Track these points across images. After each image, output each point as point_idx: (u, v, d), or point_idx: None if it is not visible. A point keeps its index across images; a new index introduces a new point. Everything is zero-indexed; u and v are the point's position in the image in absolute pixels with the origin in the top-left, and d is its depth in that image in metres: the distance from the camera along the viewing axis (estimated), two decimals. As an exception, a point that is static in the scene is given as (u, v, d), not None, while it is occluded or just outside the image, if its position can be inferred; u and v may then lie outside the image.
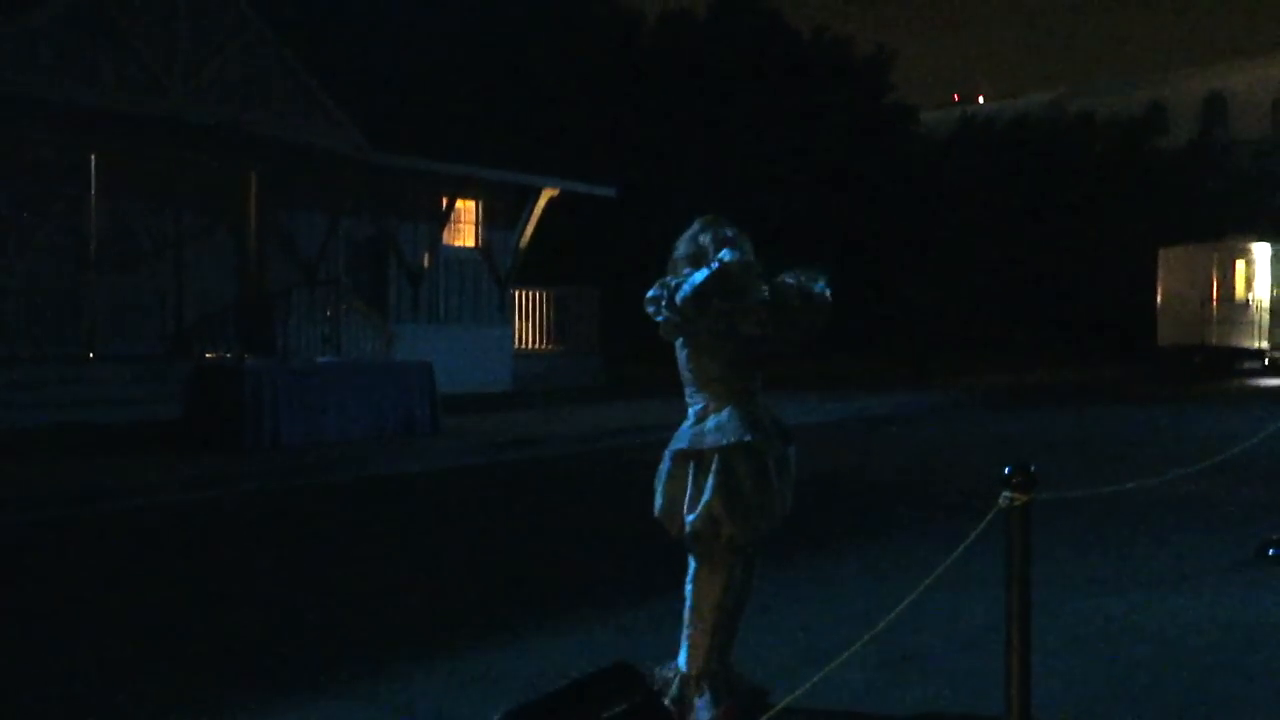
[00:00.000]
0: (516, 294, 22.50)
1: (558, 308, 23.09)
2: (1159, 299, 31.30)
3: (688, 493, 3.94)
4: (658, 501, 4.04)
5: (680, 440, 3.99)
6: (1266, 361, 30.32)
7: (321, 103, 18.88)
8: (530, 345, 22.86)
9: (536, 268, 23.74)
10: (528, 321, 22.87)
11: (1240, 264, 30.42)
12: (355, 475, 11.39)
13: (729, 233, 3.94)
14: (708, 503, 3.87)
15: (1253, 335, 30.22)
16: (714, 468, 3.88)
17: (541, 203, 21.63)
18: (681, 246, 4.01)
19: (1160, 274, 31.34)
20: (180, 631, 5.56)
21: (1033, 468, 3.58)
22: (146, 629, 5.62)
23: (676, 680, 4.03)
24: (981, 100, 67.80)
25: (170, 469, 10.78)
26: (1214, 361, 29.84)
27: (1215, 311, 30.00)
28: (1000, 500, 3.55)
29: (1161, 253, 31.52)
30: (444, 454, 12.63)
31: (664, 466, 4.03)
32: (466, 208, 21.34)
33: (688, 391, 4.04)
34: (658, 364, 27.21)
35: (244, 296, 17.83)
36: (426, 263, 20.28)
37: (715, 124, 32.39)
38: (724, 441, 3.87)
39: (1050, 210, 39.58)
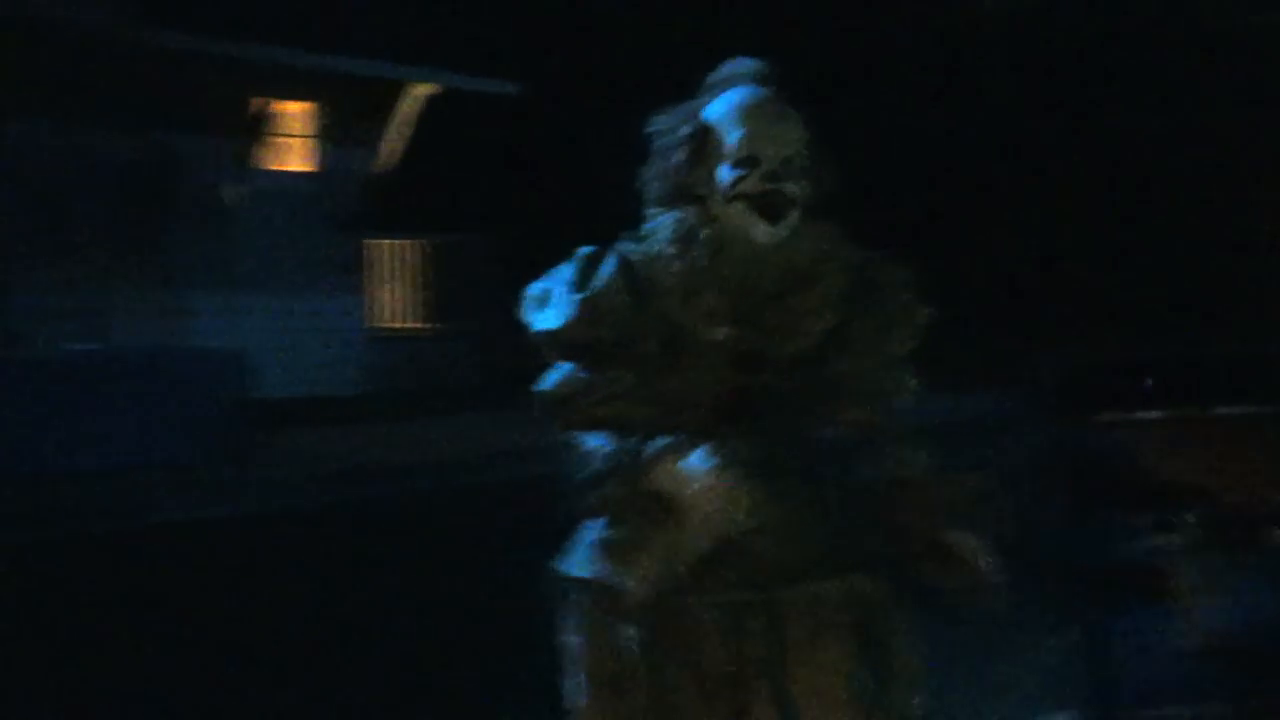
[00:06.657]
0: (373, 246, 22.46)
1: (437, 266, 22.99)
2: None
3: None
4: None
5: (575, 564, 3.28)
6: None
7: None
8: (395, 321, 22.77)
9: (408, 206, 23.44)
10: (392, 287, 22.78)
11: None
12: (114, 527, 11.37)
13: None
14: None
15: None
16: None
17: (412, 106, 21.54)
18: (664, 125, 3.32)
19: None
20: None
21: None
22: None
23: None
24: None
25: None
26: None
27: None
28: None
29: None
30: (256, 491, 12.75)
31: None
32: (295, 115, 21.23)
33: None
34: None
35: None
36: (230, 198, 20.14)
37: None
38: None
39: (1112, 148, 39.69)
